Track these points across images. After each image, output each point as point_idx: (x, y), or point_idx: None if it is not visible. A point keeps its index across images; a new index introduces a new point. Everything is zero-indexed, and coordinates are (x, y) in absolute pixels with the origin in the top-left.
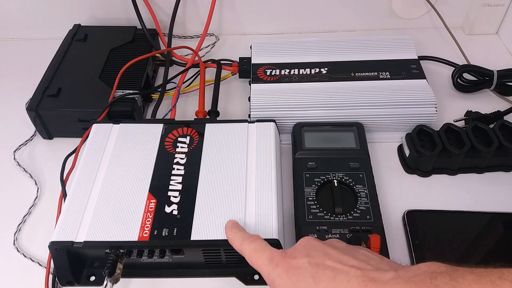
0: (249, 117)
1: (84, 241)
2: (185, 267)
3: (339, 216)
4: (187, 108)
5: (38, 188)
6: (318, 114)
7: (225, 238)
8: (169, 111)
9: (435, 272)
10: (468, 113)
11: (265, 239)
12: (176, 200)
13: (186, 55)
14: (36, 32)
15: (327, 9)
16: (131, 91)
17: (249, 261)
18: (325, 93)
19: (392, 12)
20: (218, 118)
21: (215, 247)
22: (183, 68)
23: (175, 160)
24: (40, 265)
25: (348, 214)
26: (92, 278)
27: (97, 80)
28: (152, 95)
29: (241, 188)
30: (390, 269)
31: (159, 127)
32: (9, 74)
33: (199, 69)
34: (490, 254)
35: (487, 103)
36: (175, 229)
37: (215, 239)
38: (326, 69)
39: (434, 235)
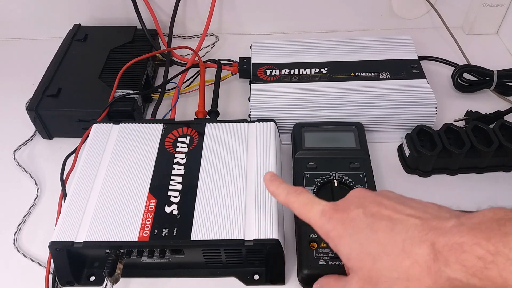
0: (249, 117)
1: (84, 241)
2: (185, 267)
3: None
4: (187, 108)
5: (38, 188)
6: (318, 114)
7: (225, 238)
8: (169, 111)
9: (503, 218)
10: (468, 113)
11: (265, 239)
12: (176, 200)
13: (186, 55)
14: (36, 32)
15: (327, 9)
16: (131, 91)
17: (298, 214)
18: (325, 93)
19: (392, 12)
20: (218, 118)
21: (215, 247)
22: (183, 68)
23: (175, 160)
24: (40, 265)
25: None
26: (92, 278)
27: (97, 80)
28: (152, 95)
29: (241, 188)
30: (450, 216)
31: (159, 127)
32: (9, 74)
33: (199, 69)
34: None
35: (487, 103)
36: (175, 229)
37: (215, 239)
38: (326, 69)
39: None
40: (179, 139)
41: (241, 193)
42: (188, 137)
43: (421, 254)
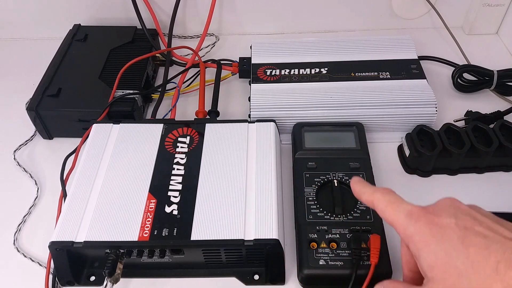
0: (249, 117)
1: (84, 241)
2: (185, 267)
3: (339, 216)
4: (187, 108)
5: (38, 188)
6: (318, 114)
7: (225, 238)
8: (169, 111)
9: None
10: (468, 113)
11: (265, 239)
12: (176, 200)
13: (186, 55)
14: (36, 32)
15: (327, 9)
16: (131, 91)
17: (382, 214)
18: (325, 93)
19: (392, 12)
20: (218, 118)
21: (215, 247)
22: (183, 68)
23: (175, 160)
24: (40, 265)
25: (348, 214)
26: (92, 278)
27: (97, 80)
28: (152, 95)
29: (241, 188)
30: None
31: (159, 127)
32: (9, 74)
33: (199, 69)
34: None
35: (487, 103)
36: (175, 229)
37: (215, 239)
38: (326, 69)
39: None
40: (179, 139)
41: (241, 193)
42: (188, 137)
43: None
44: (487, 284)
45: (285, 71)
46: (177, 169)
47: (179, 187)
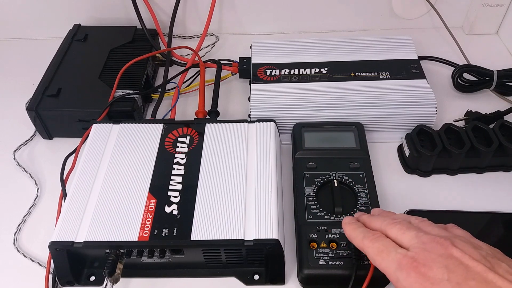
0: (249, 117)
1: (84, 241)
2: (185, 267)
3: (339, 216)
4: (187, 108)
5: (38, 188)
6: (318, 114)
7: (225, 238)
8: (169, 111)
9: None
10: (468, 113)
11: (265, 239)
12: (176, 200)
13: (186, 55)
14: (36, 32)
15: (327, 9)
16: (131, 91)
17: (373, 261)
18: (325, 93)
19: (392, 12)
20: (218, 118)
21: (215, 247)
22: (183, 68)
23: (175, 160)
24: (40, 265)
25: (348, 214)
26: (92, 278)
27: (97, 80)
28: (152, 95)
29: (241, 188)
30: None
31: (159, 127)
32: (9, 74)
33: (199, 69)
34: None
35: (487, 103)
36: (175, 229)
37: (215, 239)
38: (326, 69)
39: None
40: (179, 139)
41: (241, 193)
42: (188, 137)
43: None
44: None
45: (285, 71)
46: (177, 169)
47: (179, 187)
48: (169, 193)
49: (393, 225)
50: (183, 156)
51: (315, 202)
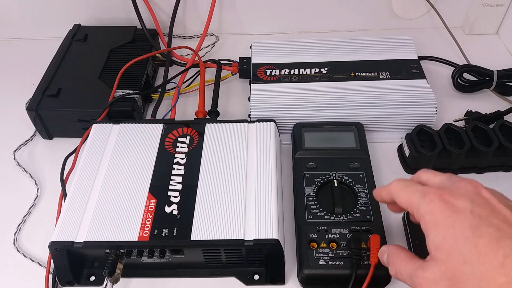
0: (249, 117)
1: (84, 241)
2: (185, 267)
3: (339, 216)
4: (187, 108)
5: (38, 188)
6: (318, 114)
7: (225, 238)
8: (169, 111)
9: None
10: (468, 113)
11: (265, 239)
12: (176, 200)
13: (186, 55)
14: (36, 32)
15: (327, 9)
16: (131, 91)
17: (397, 198)
18: (325, 93)
19: (392, 12)
20: (218, 118)
21: (215, 247)
22: (183, 68)
23: (175, 160)
24: (40, 265)
25: (348, 214)
26: (92, 278)
27: (97, 80)
28: (152, 95)
29: (241, 188)
30: None
31: (159, 127)
32: (9, 74)
33: (199, 69)
34: None
35: (487, 103)
36: (175, 229)
37: (215, 239)
38: (326, 69)
39: None
40: (179, 139)
41: (241, 193)
42: (188, 137)
43: None
44: (491, 275)
45: (285, 71)
46: (177, 169)
47: (179, 187)
48: (169, 193)
49: (426, 171)
50: (183, 156)
51: (315, 202)
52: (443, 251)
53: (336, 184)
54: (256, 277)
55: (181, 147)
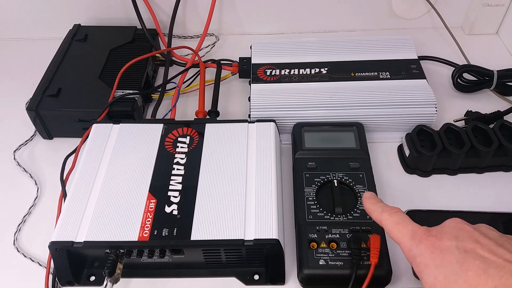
0: (249, 117)
1: (84, 241)
2: (185, 267)
3: (339, 216)
4: (187, 108)
5: (38, 188)
6: (318, 114)
7: (225, 238)
8: (169, 111)
9: None
10: (468, 113)
11: (265, 239)
12: (176, 200)
13: (186, 55)
14: (36, 32)
15: (327, 9)
16: (131, 91)
17: (389, 233)
18: (325, 93)
19: (392, 12)
20: (218, 118)
21: (215, 247)
22: (183, 68)
23: (175, 160)
24: (40, 265)
25: (348, 214)
26: (92, 278)
27: (97, 80)
28: (152, 95)
29: (241, 188)
30: None
31: (159, 127)
32: (9, 74)
33: (199, 69)
34: None
35: (487, 103)
36: (175, 229)
37: (215, 239)
38: (326, 69)
39: None
40: (179, 139)
41: (241, 193)
42: (188, 137)
43: None
44: None
45: (285, 71)
46: (177, 169)
47: (179, 187)
48: (169, 193)
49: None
50: (183, 156)
51: (315, 202)
52: None
53: (336, 184)
54: (256, 277)
55: (181, 147)
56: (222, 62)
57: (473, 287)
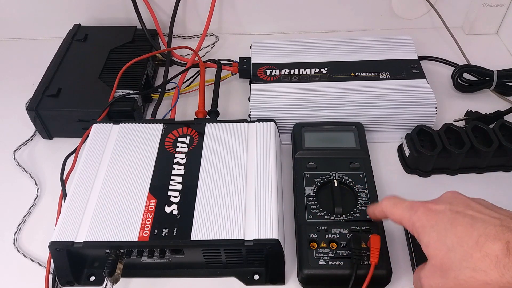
0: (249, 117)
1: (84, 241)
2: (185, 267)
3: (339, 216)
4: (187, 108)
5: (38, 188)
6: (318, 114)
7: (225, 238)
8: (169, 111)
9: None
10: (468, 113)
11: (265, 239)
12: (176, 200)
13: (186, 55)
14: (36, 32)
15: (327, 9)
16: (131, 91)
17: (391, 214)
18: (325, 93)
19: (392, 12)
20: (218, 118)
21: (215, 247)
22: (183, 68)
23: (175, 160)
24: (40, 265)
25: (348, 214)
26: (92, 278)
27: (97, 80)
28: (152, 95)
29: (241, 188)
30: None
31: (159, 127)
32: (9, 74)
33: (199, 69)
34: None
35: (487, 103)
36: (175, 229)
37: (215, 239)
38: (326, 69)
39: None
40: (179, 139)
41: (241, 193)
42: (188, 137)
43: (493, 248)
44: (469, 254)
45: (285, 71)
46: (177, 169)
47: (179, 187)
48: (169, 193)
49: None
50: (183, 156)
51: (315, 202)
52: (431, 247)
53: (336, 184)
54: (256, 277)
55: (181, 147)
56: (222, 62)
57: (461, 238)
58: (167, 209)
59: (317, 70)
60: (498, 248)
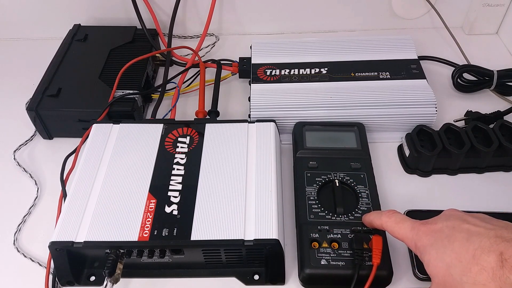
0: (249, 117)
1: (84, 241)
2: (185, 267)
3: (340, 216)
4: (187, 108)
5: (38, 188)
6: (318, 114)
7: (225, 238)
8: (169, 111)
9: None
10: (468, 113)
11: (265, 239)
12: (176, 200)
13: (186, 55)
14: (36, 32)
15: (327, 9)
16: (131, 91)
17: (392, 233)
18: (325, 93)
19: (392, 12)
20: (218, 118)
21: (215, 247)
22: (183, 68)
23: (175, 160)
24: (40, 265)
25: (350, 214)
26: (92, 278)
27: (97, 80)
28: (152, 95)
29: (241, 188)
30: None
31: (159, 127)
32: (9, 74)
33: (199, 69)
34: None
35: (487, 103)
36: (175, 229)
37: (215, 239)
38: (326, 69)
39: None
40: (179, 139)
41: (241, 193)
42: (188, 137)
43: (488, 261)
44: (468, 269)
45: (285, 71)
46: (177, 169)
47: (179, 187)
48: (169, 193)
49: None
50: (183, 156)
51: (317, 201)
52: (432, 265)
53: (337, 184)
54: (256, 277)
55: (181, 147)
56: (222, 62)
57: (458, 254)
58: (167, 209)
59: (317, 70)
60: (492, 260)
